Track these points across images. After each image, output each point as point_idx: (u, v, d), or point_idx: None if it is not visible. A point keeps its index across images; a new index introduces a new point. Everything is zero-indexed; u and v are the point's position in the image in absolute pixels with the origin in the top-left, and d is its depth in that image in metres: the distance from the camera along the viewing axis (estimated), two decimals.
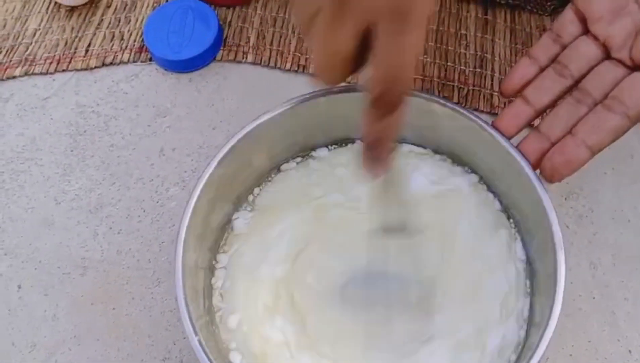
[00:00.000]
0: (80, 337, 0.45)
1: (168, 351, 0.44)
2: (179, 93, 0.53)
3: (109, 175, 0.50)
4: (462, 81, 0.52)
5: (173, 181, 0.49)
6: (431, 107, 0.41)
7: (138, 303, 0.45)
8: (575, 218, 0.47)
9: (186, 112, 0.52)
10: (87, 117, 0.53)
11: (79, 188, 0.50)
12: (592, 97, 0.37)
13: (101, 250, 0.47)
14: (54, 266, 0.47)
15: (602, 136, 0.35)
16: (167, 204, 0.49)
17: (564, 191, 0.47)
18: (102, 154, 0.51)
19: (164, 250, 0.47)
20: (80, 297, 0.46)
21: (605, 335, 0.43)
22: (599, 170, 0.48)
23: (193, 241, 0.38)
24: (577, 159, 0.35)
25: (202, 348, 0.34)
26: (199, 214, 0.39)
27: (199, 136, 0.51)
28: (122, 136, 0.52)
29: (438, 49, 0.54)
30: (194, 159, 0.50)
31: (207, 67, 0.54)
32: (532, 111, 0.39)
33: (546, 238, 0.37)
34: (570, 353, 0.43)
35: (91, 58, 0.56)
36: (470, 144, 0.42)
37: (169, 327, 0.45)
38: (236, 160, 0.41)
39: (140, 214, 0.48)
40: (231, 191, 0.43)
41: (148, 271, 0.46)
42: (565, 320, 0.43)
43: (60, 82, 0.55)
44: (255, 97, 0.52)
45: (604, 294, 0.44)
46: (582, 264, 0.45)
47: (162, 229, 0.48)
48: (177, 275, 0.36)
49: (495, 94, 0.52)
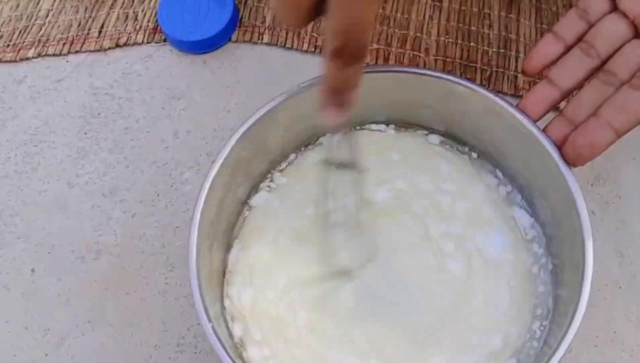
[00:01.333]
0: (93, 321, 0.44)
1: (182, 337, 0.43)
2: (194, 75, 0.52)
3: (122, 158, 0.49)
4: (485, 62, 0.51)
5: (187, 165, 0.48)
6: (453, 88, 0.39)
7: (152, 289, 0.45)
8: (602, 204, 0.45)
9: (201, 94, 0.51)
10: (100, 99, 0.52)
11: (93, 172, 0.49)
12: (618, 78, 0.35)
13: (115, 234, 0.47)
14: (68, 250, 0.47)
15: (628, 117, 0.33)
16: (182, 188, 0.48)
17: (590, 176, 0.46)
18: (116, 137, 0.50)
19: (179, 235, 0.46)
20: (94, 282, 0.45)
21: (632, 326, 0.42)
22: (626, 155, 0.46)
23: (207, 226, 0.37)
24: (601, 141, 0.33)
25: (216, 335, 0.33)
26: (213, 198, 0.38)
27: (214, 119, 0.50)
28: (136, 119, 0.51)
29: (460, 29, 0.52)
30: (209, 143, 0.49)
31: (222, 49, 0.53)
32: (558, 92, 0.37)
33: (573, 226, 0.35)
34: (596, 345, 0.41)
35: (105, 39, 0.55)
36: (491, 126, 0.40)
37: (183, 312, 0.44)
38: (251, 143, 0.40)
39: (154, 199, 0.48)
40: (246, 174, 0.42)
41: (162, 256, 0.46)
42: (590, 310, 0.41)
43: (73, 63, 0.54)
44: (271, 79, 0.51)
45: (631, 284, 0.43)
46: (608, 252, 0.44)
47: (176, 213, 0.47)
48: (190, 260, 0.35)
49: (519, 75, 0.50)
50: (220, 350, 0.33)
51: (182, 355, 0.43)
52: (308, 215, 0.41)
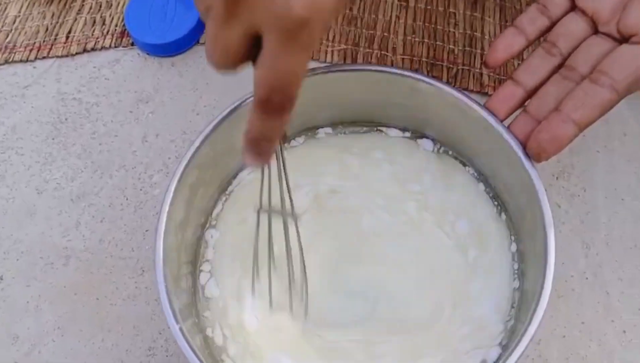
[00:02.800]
0: (63, 328, 0.44)
1: (153, 340, 0.43)
2: (162, 78, 0.52)
3: (90, 163, 0.49)
4: (451, 61, 0.51)
5: (156, 168, 0.48)
6: (418, 86, 0.40)
7: (122, 293, 0.45)
8: (567, 197, 0.46)
9: (169, 97, 0.51)
10: (68, 104, 0.52)
11: (61, 177, 0.49)
12: (579, 72, 0.36)
13: (84, 239, 0.46)
14: (37, 257, 0.46)
15: (589, 111, 0.34)
16: (151, 191, 0.48)
17: (555, 170, 0.46)
18: (84, 142, 0.50)
19: (148, 239, 0.46)
20: (63, 287, 0.45)
21: (599, 315, 0.42)
22: (591, 149, 0.47)
23: (174, 228, 0.37)
24: (563, 135, 0.34)
25: (184, 336, 0.33)
26: (180, 200, 0.38)
27: (183, 122, 0.50)
28: (103, 123, 0.50)
29: (426, 28, 0.53)
30: (178, 146, 0.49)
31: (190, 51, 0.53)
32: (523, 91, 0.38)
33: (536, 217, 0.36)
34: (564, 335, 0.42)
35: (72, 44, 0.54)
36: (458, 124, 0.41)
37: (154, 316, 0.44)
38: (218, 143, 0.40)
39: (123, 203, 0.47)
40: (214, 175, 0.42)
41: (132, 261, 0.45)
42: (558, 301, 0.43)
43: (41, 69, 0.54)
44: (239, 81, 0.50)
45: (597, 274, 0.43)
46: (575, 244, 0.44)
47: (145, 217, 0.47)
48: (157, 263, 0.35)
49: (485, 73, 0.50)
50: (187, 350, 0.32)
51: (154, 359, 0.43)
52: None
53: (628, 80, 0.33)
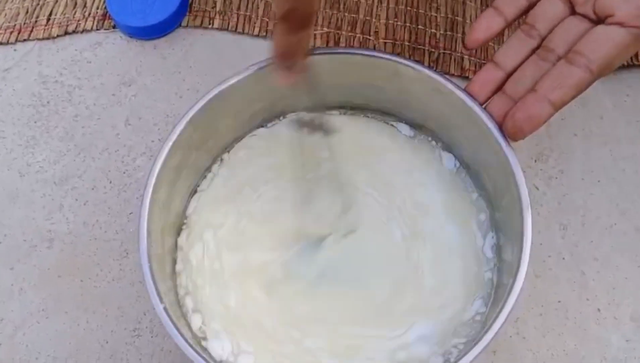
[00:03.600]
0: (48, 310, 0.44)
1: (138, 322, 0.44)
2: (144, 61, 0.52)
3: (73, 146, 0.49)
4: (433, 45, 0.52)
5: (140, 151, 0.48)
6: (399, 69, 0.40)
7: (106, 275, 0.45)
8: (545, 179, 0.47)
9: (152, 80, 0.51)
10: (50, 87, 0.51)
11: (43, 160, 0.49)
12: (555, 53, 0.36)
13: (67, 222, 0.46)
14: (20, 240, 0.46)
15: (564, 91, 0.34)
16: (134, 174, 0.48)
17: (533, 152, 0.47)
18: (66, 125, 0.50)
19: (132, 221, 0.46)
20: (47, 270, 0.45)
21: (575, 295, 0.43)
22: (569, 131, 0.48)
23: (158, 209, 0.38)
24: (539, 115, 0.35)
25: (168, 316, 0.34)
26: (164, 182, 0.38)
27: (166, 105, 0.50)
28: (86, 106, 0.50)
29: (408, 12, 0.53)
30: (161, 129, 0.49)
31: (172, 34, 0.53)
32: (503, 74, 0.38)
33: (514, 199, 0.36)
34: (541, 313, 0.43)
35: (53, 27, 0.54)
36: (438, 108, 0.41)
37: (138, 297, 0.44)
38: (202, 126, 0.40)
39: (106, 186, 0.47)
40: (198, 157, 0.42)
41: (116, 243, 0.46)
42: (535, 280, 0.44)
43: (21, 52, 0.53)
44: (222, 64, 0.51)
45: (574, 254, 0.45)
46: (552, 225, 0.45)
47: (129, 200, 0.47)
48: (140, 243, 0.35)
49: (466, 57, 0.51)
50: (171, 329, 0.33)
51: (139, 340, 0.43)
52: (260, 195, 0.42)
53: (603, 60, 0.34)
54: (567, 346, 0.42)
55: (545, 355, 0.42)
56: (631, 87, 0.49)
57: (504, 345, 0.42)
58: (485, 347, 0.33)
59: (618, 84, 0.49)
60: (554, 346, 0.42)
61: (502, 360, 0.42)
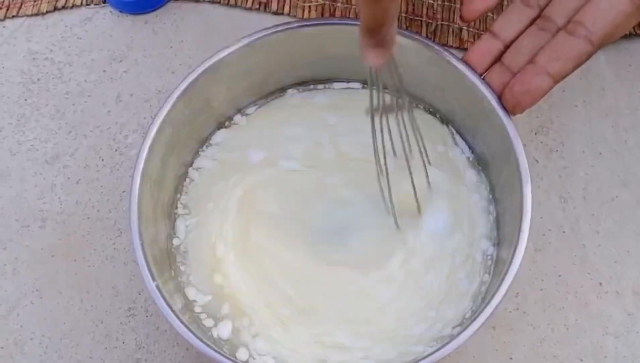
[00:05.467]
0: (41, 290, 0.44)
1: (133, 301, 0.43)
2: (135, 36, 0.51)
3: (64, 124, 0.48)
4: (430, 16, 0.50)
5: (131, 128, 0.47)
6: (397, 41, 0.39)
7: (100, 254, 0.44)
8: (546, 152, 0.46)
9: (143, 55, 0.50)
10: (40, 64, 0.50)
11: (35, 139, 0.48)
12: (555, 23, 0.35)
13: (60, 201, 0.46)
14: (12, 219, 0.45)
15: (564, 63, 0.33)
16: (126, 152, 0.47)
17: (533, 125, 0.46)
18: (57, 102, 0.49)
19: (125, 200, 0.45)
20: (40, 250, 0.45)
21: (576, 268, 0.43)
22: (569, 103, 0.47)
23: (150, 186, 0.37)
24: (538, 88, 0.34)
25: (161, 294, 0.33)
26: (155, 158, 0.37)
27: (158, 80, 0.49)
28: (77, 83, 0.49)
29: None
30: (153, 105, 0.48)
31: (163, 8, 0.51)
32: (501, 44, 0.37)
33: (513, 172, 0.36)
34: (541, 288, 0.42)
35: (42, 3, 0.53)
36: (436, 80, 0.40)
37: (132, 277, 0.44)
38: (193, 100, 0.39)
39: (98, 164, 0.47)
40: (190, 133, 0.41)
41: (109, 222, 0.45)
42: (535, 254, 0.43)
43: (10, 29, 0.52)
44: (215, 38, 0.50)
45: (575, 228, 0.44)
46: (552, 199, 0.44)
47: (121, 178, 0.46)
48: (132, 221, 0.35)
49: (464, 28, 0.50)
50: (164, 307, 0.32)
51: (134, 319, 0.43)
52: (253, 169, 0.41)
53: (603, 31, 0.33)
54: (567, 321, 0.42)
55: (546, 330, 0.41)
56: (633, 57, 0.48)
57: (504, 320, 0.42)
58: (485, 322, 0.32)
59: (620, 55, 0.48)
60: (555, 320, 0.42)
61: (502, 335, 0.41)
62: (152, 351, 0.42)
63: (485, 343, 0.41)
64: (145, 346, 0.42)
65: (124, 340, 0.42)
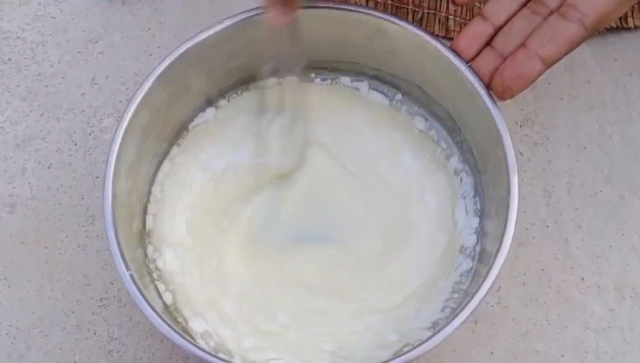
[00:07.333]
0: (10, 278, 0.42)
1: (105, 291, 0.42)
2: (112, 17, 0.49)
3: (36, 106, 0.46)
4: (417, 4, 0.49)
5: (106, 112, 0.46)
6: (383, 26, 0.38)
7: (72, 242, 0.43)
8: (530, 145, 0.45)
9: (120, 37, 0.48)
10: (11, 44, 0.48)
11: (5, 121, 0.46)
12: (547, 6, 0.34)
13: (30, 186, 0.44)
14: None
15: (556, 46, 0.33)
16: (101, 136, 0.45)
17: (518, 117, 0.46)
18: (29, 83, 0.47)
19: (98, 186, 0.44)
20: (9, 237, 0.43)
21: (559, 263, 0.42)
22: (555, 96, 0.47)
23: (125, 172, 0.35)
24: (529, 72, 0.33)
25: (135, 283, 0.32)
26: (130, 143, 0.36)
27: (135, 63, 0.47)
28: (50, 64, 0.47)
29: None
30: (129, 88, 0.46)
31: None
32: (492, 28, 0.36)
33: (500, 162, 0.35)
34: (523, 282, 0.42)
35: None
36: (423, 67, 0.40)
37: (105, 266, 0.42)
38: (172, 84, 0.38)
39: (71, 148, 0.45)
40: (168, 118, 0.40)
41: (81, 208, 0.43)
42: (518, 248, 0.42)
43: None
44: (195, 21, 0.48)
45: (558, 222, 0.43)
46: (536, 192, 0.44)
47: (95, 163, 0.44)
48: (105, 208, 0.33)
49: (451, 17, 0.49)
50: (138, 297, 0.31)
51: (106, 310, 0.41)
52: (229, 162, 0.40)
53: (597, 14, 0.32)
54: (549, 315, 0.41)
55: (528, 325, 0.41)
56: (619, 51, 0.48)
57: (486, 314, 0.41)
58: (470, 315, 0.31)
59: (606, 48, 0.48)
60: (536, 315, 0.41)
61: (484, 329, 0.41)
62: (125, 343, 0.41)
63: (466, 338, 0.41)
64: (118, 337, 0.41)
65: (95, 331, 0.41)
